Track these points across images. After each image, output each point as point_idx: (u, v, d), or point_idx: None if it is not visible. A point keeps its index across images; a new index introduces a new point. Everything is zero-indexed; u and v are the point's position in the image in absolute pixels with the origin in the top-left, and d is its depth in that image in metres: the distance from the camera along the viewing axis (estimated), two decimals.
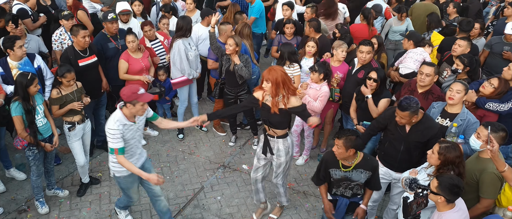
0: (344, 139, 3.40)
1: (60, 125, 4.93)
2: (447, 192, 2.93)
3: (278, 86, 3.70)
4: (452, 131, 3.91)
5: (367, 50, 4.87)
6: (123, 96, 3.55)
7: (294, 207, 4.91)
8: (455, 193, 2.95)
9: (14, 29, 5.11)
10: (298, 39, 6.14)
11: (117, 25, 5.53)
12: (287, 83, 3.73)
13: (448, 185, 2.94)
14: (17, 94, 4.09)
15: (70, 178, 5.25)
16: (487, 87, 4.37)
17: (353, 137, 3.41)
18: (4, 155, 5.01)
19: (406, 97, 3.70)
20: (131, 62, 5.36)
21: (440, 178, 3.00)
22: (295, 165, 5.66)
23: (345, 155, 3.47)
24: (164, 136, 6.23)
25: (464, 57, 4.81)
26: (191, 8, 6.74)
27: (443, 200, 2.96)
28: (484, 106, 4.33)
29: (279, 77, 3.67)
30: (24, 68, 4.62)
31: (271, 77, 3.68)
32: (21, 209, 4.69)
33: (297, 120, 5.44)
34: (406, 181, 3.39)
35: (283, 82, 3.70)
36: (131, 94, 3.52)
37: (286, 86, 3.73)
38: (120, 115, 3.63)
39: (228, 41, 5.24)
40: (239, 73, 5.34)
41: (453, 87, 4.00)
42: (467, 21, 5.96)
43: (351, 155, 3.49)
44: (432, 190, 3.00)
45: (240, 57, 5.33)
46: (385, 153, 4.08)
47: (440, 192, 2.95)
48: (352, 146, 3.41)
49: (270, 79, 3.68)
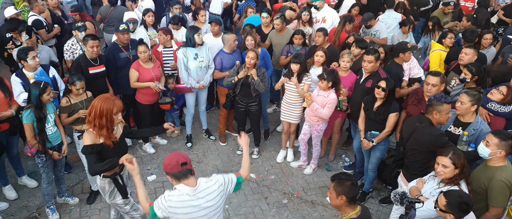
0: (335, 183, 2.91)
1: (69, 133, 5.01)
2: (456, 210, 2.86)
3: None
4: (463, 139, 3.90)
5: (368, 59, 4.89)
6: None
7: (302, 217, 4.90)
8: (464, 210, 2.88)
9: (27, 39, 5.24)
10: (306, 49, 6.19)
11: (128, 35, 5.64)
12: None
13: (457, 203, 2.86)
14: (30, 102, 4.18)
15: (80, 185, 5.31)
16: (495, 94, 4.38)
17: (348, 183, 2.87)
18: (16, 163, 5.11)
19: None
20: (141, 71, 5.45)
21: (448, 196, 2.92)
22: (302, 174, 5.66)
23: (335, 203, 2.93)
24: (173, 145, 6.28)
25: (472, 66, 4.81)
26: (202, 21, 6.85)
27: (453, 218, 2.89)
28: (486, 105, 4.34)
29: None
30: (40, 78, 4.73)
31: None
32: (32, 216, 4.76)
33: (304, 128, 5.47)
34: (396, 197, 3.17)
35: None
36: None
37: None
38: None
39: (248, 53, 5.29)
40: (256, 88, 5.41)
41: (460, 98, 4.00)
42: (471, 30, 5.98)
43: (342, 205, 2.89)
44: (440, 208, 2.92)
45: (258, 70, 5.39)
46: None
47: (449, 210, 2.88)
48: (344, 193, 2.86)
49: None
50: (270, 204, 5.08)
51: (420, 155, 3.88)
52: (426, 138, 3.81)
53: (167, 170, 2.90)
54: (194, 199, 2.90)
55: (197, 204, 2.91)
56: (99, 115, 3.33)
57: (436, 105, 3.83)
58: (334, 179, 2.96)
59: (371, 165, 4.99)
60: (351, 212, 2.91)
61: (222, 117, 6.17)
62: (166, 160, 2.91)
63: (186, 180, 2.91)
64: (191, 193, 2.89)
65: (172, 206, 2.87)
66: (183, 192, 2.89)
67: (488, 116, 4.37)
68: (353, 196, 2.90)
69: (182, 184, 2.91)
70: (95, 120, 3.34)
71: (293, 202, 5.14)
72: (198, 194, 2.91)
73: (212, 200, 2.98)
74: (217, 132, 6.47)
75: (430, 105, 3.88)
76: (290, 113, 5.59)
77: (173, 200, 2.88)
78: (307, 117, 5.37)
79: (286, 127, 5.78)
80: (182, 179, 2.90)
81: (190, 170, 2.94)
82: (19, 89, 4.64)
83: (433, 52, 6.12)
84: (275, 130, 6.76)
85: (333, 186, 2.93)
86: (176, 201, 2.88)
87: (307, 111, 5.29)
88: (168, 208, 2.87)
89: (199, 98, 6.15)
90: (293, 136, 5.88)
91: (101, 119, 3.34)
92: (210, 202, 2.97)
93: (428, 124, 3.88)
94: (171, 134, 6.51)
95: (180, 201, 2.88)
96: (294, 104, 5.52)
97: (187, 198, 2.89)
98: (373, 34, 7.11)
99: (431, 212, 3.25)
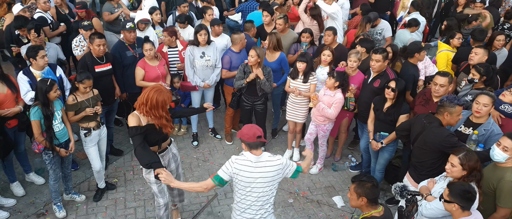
0: (356, 185, 2.97)
1: (77, 131, 5.04)
2: (460, 199, 2.89)
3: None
4: (473, 139, 3.87)
5: (376, 58, 4.85)
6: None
7: (307, 216, 4.88)
8: (468, 199, 2.90)
9: (36, 37, 5.25)
10: (314, 48, 6.16)
11: (135, 34, 5.65)
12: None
13: (459, 191, 2.90)
14: (37, 100, 4.20)
15: (86, 183, 5.34)
16: (507, 96, 4.33)
17: (369, 184, 2.91)
18: (24, 160, 5.14)
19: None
20: (147, 69, 5.46)
21: (450, 186, 2.97)
22: (309, 174, 5.64)
23: (356, 204, 3.00)
24: (178, 143, 6.29)
25: (480, 66, 4.75)
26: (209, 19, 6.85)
27: (458, 208, 2.92)
28: (499, 107, 4.29)
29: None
30: (47, 77, 4.73)
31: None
32: (39, 212, 4.79)
33: (310, 128, 5.44)
34: (396, 189, 3.28)
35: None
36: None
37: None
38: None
39: (250, 52, 5.27)
40: (262, 88, 5.38)
41: (480, 100, 3.90)
42: (480, 30, 5.91)
43: (363, 206, 2.97)
44: (445, 198, 2.96)
45: (263, 69, 5.35)
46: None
47: (452, 199, 2.91)
48: (364, 195, 2.91)
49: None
50: (276, 204, 5.07)
51: (429, 155, 3.84)
52: (435, 138, 3.77)
53: (244, 138, 3.23)
54: (254, 166, 3.22)
55: (255, 172, 3.23)
56: (156, 106, 3.55)
57: (448, 107, 3.79)
58: (355, 180, 2.98)
59: (378, 166, 4.95)
60: (373, 211, 2.95)
61: (229, 116, 6.16)
62: (245, 129, 3.26)
63: (255, 150, 3.24)
64: (253, 160, 3.22)
65: (236, 167, 3.22)
66: (247, 158, 3.24)
67: (499, 118, 4.30)
68: (374, 198, 2.94)
69: (249, 152, 3.25)
70: (152, 111, 3.55)
71: (299, 201, 5.12)
72: (258, 163, 3.23)
73: (269, 173, 3.26)
74: (223, 131, 6.47)
75: (442, 106, 3.84)
76: (295, 112, 5.57)
77: (238, 163, 3.23)
78: (313, 117, 5.34)
79: (291, 126, 5.76)
80: (253, 149, 3.24)
81: (263, 142, 3.28)
82: (26, 87, 4.66)
83: (440, 52, 6.06)
84: (281, 130, 6.75)
85: (353, 187, 2.96)
86: (239, 164, 3.23)
87: (314, 111, 5.26)
88: (233, 170, 3.23)
89: (206, 97, 6.15)
90: (299, 136, 5.86)
91: (158, 110, 3.57)
92: (266, 175, 3.25)
93: (437, 125, 3.84)
94: (178, 133, 6.53)
95: (243, 165, 3.23)
96: (299, 103, 5.50)
97: (249, 164, 3.22)
98: (378, 33, 7.07)
99: (438, 211, 3.24)
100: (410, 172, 4.12)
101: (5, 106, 4.52)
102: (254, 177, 3.23)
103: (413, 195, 3.05)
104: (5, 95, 4.53)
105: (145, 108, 3.56)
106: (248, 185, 3.26)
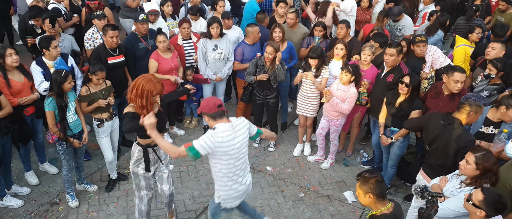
0: (360, 182, 2.87)
1: (89, 122, 5.08)
2: (491, 209, 2.77)
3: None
4: (501, 137, 3.82)
5: (390, 52, 4.79)
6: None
7: (318, 211, 4.87)
8: (499, 210, 2.79)
9: (51, 28, 5.29)
10: (327, 42, 6.10)
11: (147, 25, 5.65)
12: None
13: (494, 201, 2.76)
14: (52, 90, 4.24)
15: (99, 173, 5.39)
16: None
17: (372, 180, 2.81)
18: (41, 150, 5.22)
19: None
20: (160, 62, 5.47)
21: (486, 193, 2.81)
22: (319, 168, 5.61)
23: (364, 201, 2.89)
24: (190, 136, 6.31)
25: (497, 61, 4.64)
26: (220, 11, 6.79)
27: (483, 215, 2.79)
28: None
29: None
30: (59, 67, 4.78)
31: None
32: (53, 201, 4.86)
33: (322, 123, 5.41)
34: (417, 190, 3.15)
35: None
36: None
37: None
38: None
39: (267, 48, 5.25)
40: (278, 73, 5.34)
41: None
42: (501, 25, 5.76)
43: (371, 202, 2.86)
44: (474, 203, 2.83)
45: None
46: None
47: (483, 207, 2.78)
48: (370, 191, 2.81)
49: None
50: (286, 198, 5.06)
51: (450, 159, 3.74)
52: (458, 141, 3.68)
53: (205, 111, 3.33)
54: (233, 132, 3.35)
55: (234, 137, 3.37)
56: (140, 95, 3.48)
57: (475, 105, 3.71)
58: (358, 178, 2.90)
59: (390, 162, 4.90)
60: (383, 208, 2.85)
61: (240, 109, 6.14)
62: (204, 102, 3.35)
63: (221, 119, 3.36)
64: (230, 128, 3.35)
65: (217, 140, 3.26)
66: (225, 128, 3.32)
67: None
68: (381, 193, 2.83)
69: (219, 123, 3.34)
70: (136, 99, 3.50)
71: (309, 196, 5.11)
72: (235, 128, 3.39)
73: (242, 135, 3.46)
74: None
75: (467, 104, 3.74)
76: (306, 106, 5.53)
77: (219, 136, 3.28)
78: (325, 111, 5.30)
79: (302, 120, 5.73)
80: (218, 119, 3.35)
81: (224, 111, 3.39)
82: (40, 78, 4.71)
83: (458, 47, 5.90)
84: (292, 124, 6.72)
85: (358, 185, 2.88)
86: (222, 136, 3.28)
87: (326, 106, 5.22)
88: (215, 144, 3.26)
89: (217, 90, 6.14)
90: (309, 130, 5.83)
91: (142, 99, 3.49)
92: (241, 136, 3.45)
93: (459, 125, 3.74)
94: (189, 125, 6.54)
95: (225, 136, 3.29)
96: (310, 97, 5.45)
97: (229, 133, 3.33)
98: (398, 29, 6.95)
99: (451, 211, 3.19)
100: (425, 170, 4.04)
101: (23, 94, 4.59)
102: (235, 142, 3.37)
103: (434, 196, 2.96)
104: (23, 84, 4.59)
105: (130, 94, 3.53)
106: (230, 151, 3.36)
